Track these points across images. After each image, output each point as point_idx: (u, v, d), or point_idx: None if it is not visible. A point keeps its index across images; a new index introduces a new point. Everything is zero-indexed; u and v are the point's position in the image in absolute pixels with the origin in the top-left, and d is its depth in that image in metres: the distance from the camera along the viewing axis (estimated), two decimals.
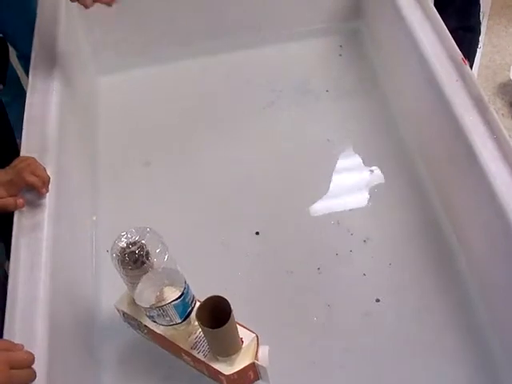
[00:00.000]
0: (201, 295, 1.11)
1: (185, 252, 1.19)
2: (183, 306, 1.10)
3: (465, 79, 1.36)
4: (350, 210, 1.51)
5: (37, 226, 1.20)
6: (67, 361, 1.15)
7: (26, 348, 1.01)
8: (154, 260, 1.10)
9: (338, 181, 1.59)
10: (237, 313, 1.06)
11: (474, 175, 1.24)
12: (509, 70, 2.61)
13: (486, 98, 1.32)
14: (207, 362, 1.12)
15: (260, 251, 1.45)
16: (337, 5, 1.87)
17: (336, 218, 1.49)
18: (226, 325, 1.03)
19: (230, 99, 1.79)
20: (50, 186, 1.24)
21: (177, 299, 1.08)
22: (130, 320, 1.22)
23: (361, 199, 1.53)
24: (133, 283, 1.11)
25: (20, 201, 1.20)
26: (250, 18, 1.60)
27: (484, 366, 1.24)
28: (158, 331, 1.16)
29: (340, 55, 1.86)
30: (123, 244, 1.11)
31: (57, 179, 1.27)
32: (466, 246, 1.37)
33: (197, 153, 1.66)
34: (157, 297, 1.09)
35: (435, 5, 1.56)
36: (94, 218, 1.52)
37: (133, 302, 1.16)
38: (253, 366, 1.12)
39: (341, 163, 1.63)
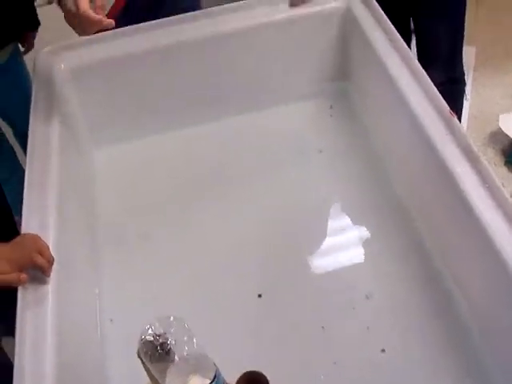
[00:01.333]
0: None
1: (188, 319, 1.19)
2: None
3: (454, 132, 1.39)
4: (350, 266, 1.53)
5: (40, 301, 1.20)
6: None
7: None
8: (185, 348, 1.07)
9: (336, 238, 1.61)
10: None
11: (470, 225, 1.26)
12: (497, 120, 2.64)
13: (475, 149, 1.34)
14: None
15: (264, 313, 1.45)
16: (325, 67, 1.92)
17: (337, 275, 1.50)
18: None
19: (225, 164, 1.82)
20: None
21: (211, 382, 1.04)
22: None
23: (360, 255, 1.55)
24: (162, 376, 1.07)
25: (23, 276, 1.21)
26: (242, 84, 1.64)
27: None
28: None
29: (331, 116, 1.90)
30: (150, 338, 1.07)
31: (58, 254, 1.28)
32: (466, 295, 1.37)
33: (196, 219, 1.68)
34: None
35: (420, 60, 1.60)
36: (97, 291, 1.53)
37: None
38: None
39: (338, 221, 1.65)
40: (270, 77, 1.90)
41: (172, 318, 1.07)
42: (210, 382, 1.04)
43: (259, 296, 1.48)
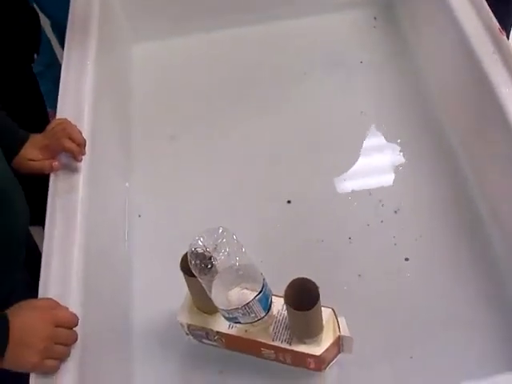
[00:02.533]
0: None
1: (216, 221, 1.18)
2: (265, 298, 1.06)
3: (502, 51, 1.34)
4: (382, 181, 1.51)
5: (71, 189, 1.21)
6: (101, 327, 1.17)
7: None
8: (235, 259, 1.03)
9: (370, 153, 1.59)
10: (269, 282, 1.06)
11: (509, 147, 1.23)
12: None
13: None
14: (294, 349, 1.09)
15: (291, 220, 1.45)
16: None
17: (368, 189, 1.49)
18: (316, 306, 1.01)
19: (262, 70, 1.78)
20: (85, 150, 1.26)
21: (259, 293, 1.04)
22: (197, 331, 1.17)
23: (393, 171, 1.53)
24: (209, 287, 1.05)
25: (56, 164, 1.22)
26: None
27: None
28: (235, 333, 1.12)
29: (374, 27, 1.84)
30: (200, 250, 1.02)
31: (91, 144, 1.29)
32: (498, 220, 1.36)
33: (229, 124, 1.66)
34: (238, 295, 1.05)
35: None
36: (127, 185, 1.54)
37: (196, 312, 1.15)
38: (338, 340, 1.10)
39: (373, 136, 1.62)
40: None
41: (221, 229, 1.03)
42: (257, 292, 1.04)
43: (288, 202, 1.48)
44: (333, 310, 1.12)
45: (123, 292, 1.34)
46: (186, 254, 1.02)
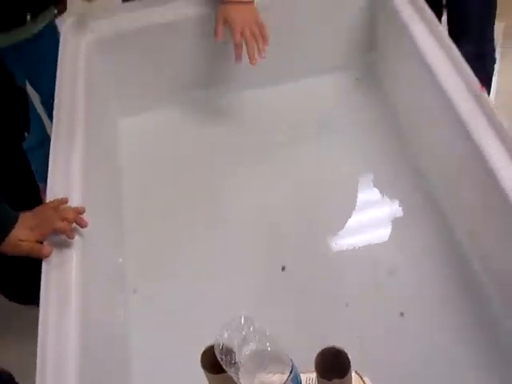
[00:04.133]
0: None
1: (212, 289, 1.18)
2: (295, 377, 1.01)
3: (483, 107, 1.36)
4: (375, 242, 1.52)
5: (64, 268, 1.21)
6: None
7: None
8: (262, 344, 0.99)
9: (361, 214, 1.60)
10: None
11: (500, 205, 1.23)
12: None
13: (505, 125, 1.32)
14: None
15: (287, 286, 1.45)
16: (352, 39, 1.89)
17: (361, 251, 1.49)
18: (349, 372, 0.98)
19: (249, 137, 1.81)
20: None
21: (290, 373, 0.98)
22: None
23: (385, 231, 1.54)
24: (236, 377, 0.99)
25: (46, 249, 1.21)
26: (267, 57, 1.63)
27: None
28: None
29: (357, 88, 1.87)
30: (228, 345, 0.98)
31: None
32: (492, 275, 1.35)
33: (219, 192, 1.68)
34: (268, 381, 0.99)
35: (451, 35, 1.57)
36: (121, 260, 1.54)
37: None
38: None
39: (362, 197, 1.64)
40: (297, 50, 1.87)
41: (243, 318, 1.00)
42: (288, 374, 0.99)
43: (283, 269, 1.47)
44: (356, 372, 1.09)
45: (122, 376, 1.32)
46: (206, 350, 0.99)
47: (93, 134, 1.54)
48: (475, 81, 1.41)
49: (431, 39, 1.54)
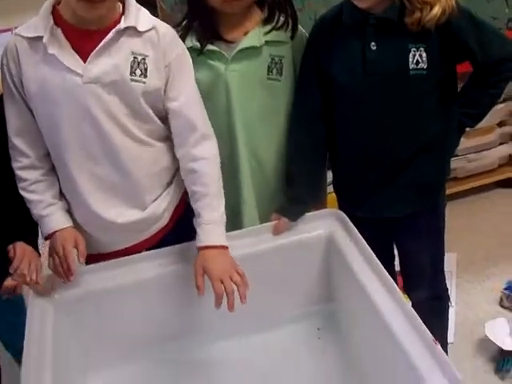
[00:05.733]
0: None
1: None
2: None
3: (438, 359, 1.44)
4: None
5: None
6: None
7: None
8: None
9: None
10: None
11: None
12: (484, 326, 2.66)
13: (458, 376, 1.39)
14: None
15: None
16: (310, 290, 1.99)
17: None
18: None
19: None
20: None
21: None
22: None
23: None
24: None
25: None
26: (227, 311, 1.70)
27: None
28: None
29: (318, 338, 1.94)
30: None
31: None
32: None
33: None
34: None
35: (404, 278, 1.69)
36: None
37: None
38: None
39: None
40: (257, 301, 1.92)
41: None
42: None
43: None
44: None
45: None
46: None
47: None
48: (429, 335, 1.49)
49: (385, 294, 1.64)
